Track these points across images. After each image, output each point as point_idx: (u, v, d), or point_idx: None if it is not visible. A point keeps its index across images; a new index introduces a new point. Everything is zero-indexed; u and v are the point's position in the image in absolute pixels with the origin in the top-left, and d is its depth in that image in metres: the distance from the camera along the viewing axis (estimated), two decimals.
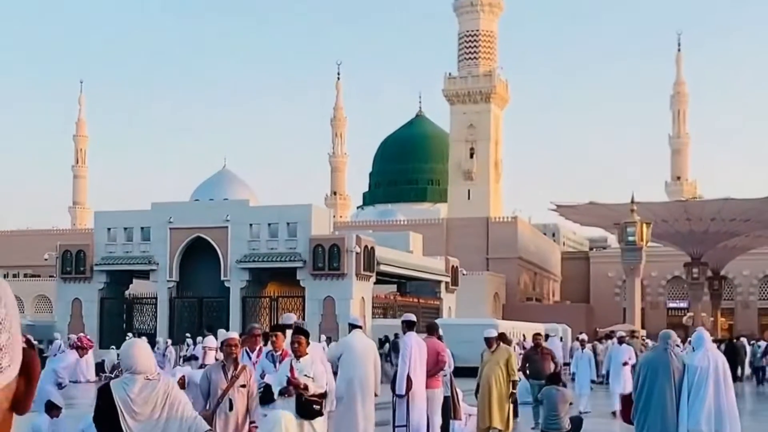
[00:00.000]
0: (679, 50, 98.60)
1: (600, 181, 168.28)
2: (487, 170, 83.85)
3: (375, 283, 40.88)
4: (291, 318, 10.43)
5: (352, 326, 11.14)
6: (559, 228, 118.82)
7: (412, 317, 11.92)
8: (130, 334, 31.96)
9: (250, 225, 40.16)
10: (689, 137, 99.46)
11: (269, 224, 40.07)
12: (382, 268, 40.80)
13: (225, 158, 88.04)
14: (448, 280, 47.61)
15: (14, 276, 79.92)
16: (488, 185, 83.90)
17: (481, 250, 78.42)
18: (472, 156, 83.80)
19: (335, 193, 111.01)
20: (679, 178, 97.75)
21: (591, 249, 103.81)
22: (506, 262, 77.05)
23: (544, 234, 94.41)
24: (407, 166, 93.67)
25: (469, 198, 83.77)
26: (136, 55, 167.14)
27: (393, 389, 10.66)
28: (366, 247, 39.27)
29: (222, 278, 40.11)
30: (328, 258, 38.69)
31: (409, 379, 11.43)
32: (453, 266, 48.42)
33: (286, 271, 39.79)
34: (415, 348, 11.58)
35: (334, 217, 49.83)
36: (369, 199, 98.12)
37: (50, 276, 78.41)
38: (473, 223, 79.08)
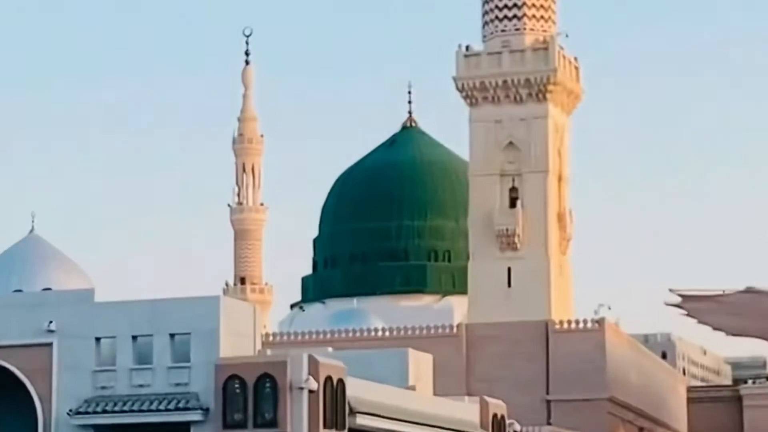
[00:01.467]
0: None
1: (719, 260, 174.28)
2: (543, 230, 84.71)
3: None
4: None
5: None
6: (674, 343, 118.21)
7: None
8: None
9: (97, 340, 39.66)
10: None
11: (134, 337, 39.53)
12: (361, 421, 39.66)
13: (33, 216, 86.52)
14: None
15: None
16: (546, 260, 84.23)
17: (535, 383, 79.37)
18: (514, 204, 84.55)
19: (242, 281, 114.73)
20: None
21: (741, 381, 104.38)
22: (586, 408, 77.69)
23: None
24: (387, 225, 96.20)
25: (509, 285, 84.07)
26: None
27: None
28: (329, 380, 38.20)
29: None
30: (253, 403, 37.68)
31: None
32: (497, 415, 47.88)
33: (169, 429, 38.79)
34: None
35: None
36: (313, 290, 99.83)
37: None
38: (519, 333, 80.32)
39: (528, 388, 77.74)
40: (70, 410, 39.01)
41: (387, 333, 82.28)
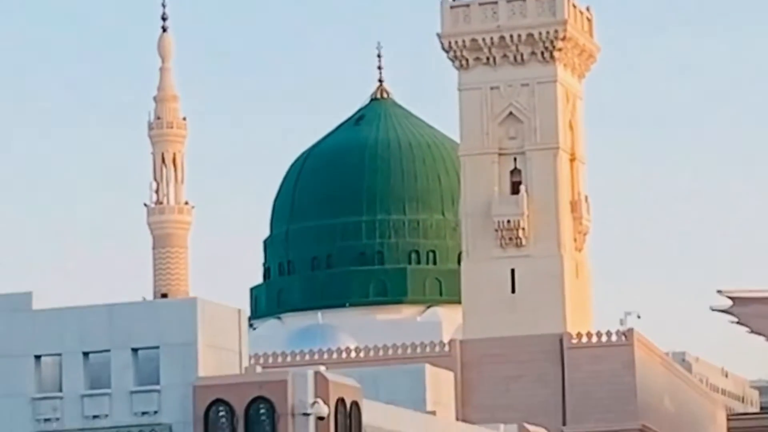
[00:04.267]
0: None
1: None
2: (554, 221, 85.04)
3: None
4: None
5: None
6: (690, 363, 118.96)
7: None
8: None
9: (37, 358, 38.16)
10: None
11: (86, 354, 37.95)
12: None
13: None
14: None
15: None
16: (559, 258, 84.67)
17: (548, 412, 79.21)
18: (517, 190, 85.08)
19: (164, 297, 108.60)
20: None
21: None
22: None
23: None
24: (357, 221, 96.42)
25: (513, 290, 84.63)
26: None
27: None
28: (341, 403, 36.68)
29: None
30: None
31: None
32: None
33: None
34: None
35: None
36: (266, 303, 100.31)
37: None
38: (528, 351, 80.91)
39: (539, 417, 76.19)
40: None
41: (361, 354, 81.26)
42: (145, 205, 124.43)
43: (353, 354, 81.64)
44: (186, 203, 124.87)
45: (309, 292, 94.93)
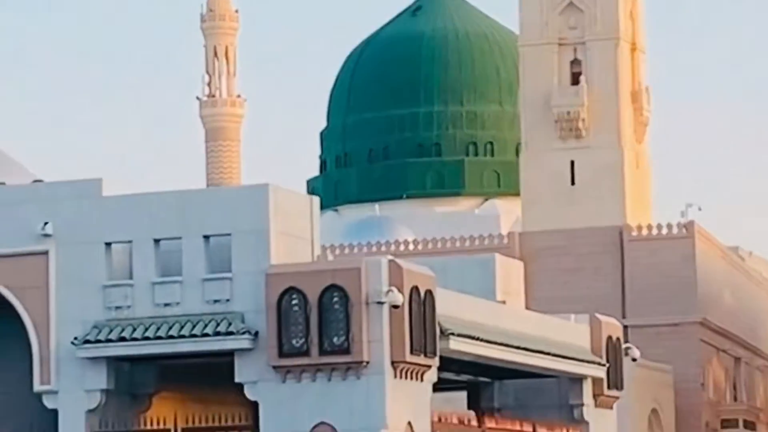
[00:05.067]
0: None
1: None
2: (614, 112, 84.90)
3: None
4: None
5: None
6: (743, 258, 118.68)
7: None
8: None
9: (107, 245, 37.65)
10: None
11: (157, 241, 37.57)
12: (455, 345, 38.17)
13: None
14: (602, 373, 46.62)
15: None
16: (619, 150, 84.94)
17: (608, 305, 77.08)
18: (577, 80, 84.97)
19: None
20: None
21: None
22: (673, 334, 78.86)
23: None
24: (413, 112, 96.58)
25: (573, 182, 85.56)
26: None
27: None
28: (416, 292, 36.17)
29: (37, 387, 37.53)
30: (317, 324, 35.54)
31: None
32: (611, 338, 48.09)
33: (206, 362, 37.61)
34: None
35: None
36: (323, 195, 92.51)
37: None
38: (587, 243, 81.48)
39: (599, 310, 75.56)
40: (75, 338, 36.97)
41: (420, 246, 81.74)
42: (198, 98, 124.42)
43: (411, 246, 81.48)
44: (238, 96, 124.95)
45: (366, 184, 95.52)
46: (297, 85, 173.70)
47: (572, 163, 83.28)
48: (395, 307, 35.24)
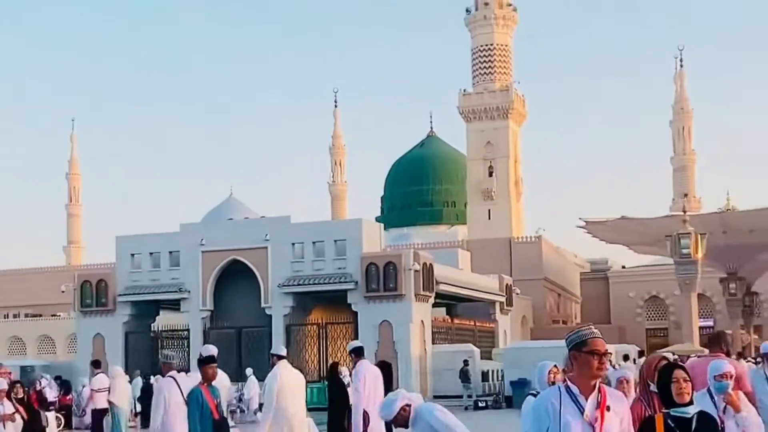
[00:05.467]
0: (681, 66, 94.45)
1: (604, 198, 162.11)
2: (507, 189, 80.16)
3: None
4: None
5: (279, 357, 10.54)
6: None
7: (360, 344, 11.38)
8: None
9: (293, 244, 36.23)
10: (695, 154, 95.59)
11: (314, 242, 36.16)
12: (442, 287, 36.98)
13: (231, 187, 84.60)
14: (503, 300, 44.12)
15: (14, 316, 75.45)
16: (509, 204, 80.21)
17: (504, 272, 74.91)
18: (491, 174, 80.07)
19: None
20: (686, 195, 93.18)
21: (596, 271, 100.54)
22: (532, 284, 72.54)
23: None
24: (421, 188, 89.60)
25: (489, 218, 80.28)
26: (129, 90, 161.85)
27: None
28: (425, 264, 35.23)
29: (262, 305, 36.06)
30: (383, 278, 34.61)
31: (365, 415, 10.90)
32: (507, 284, 45.04)
33: (334, 294, 35.80)
34: (369, 378, 11.09)
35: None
36: (384, 223, 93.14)
37: (52, 315, 74.35)
38: (495, 244, 75.36)
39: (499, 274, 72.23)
40: (279, 284, 36.02)
41: (420, 246, 78.46)
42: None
43: (418, 245, 79.31)
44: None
45: (401, 218, 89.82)
46: (369, 175, 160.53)
47: (489, 211, 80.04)
48: (416, 271, 34.77)
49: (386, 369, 12.88)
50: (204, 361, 8.38)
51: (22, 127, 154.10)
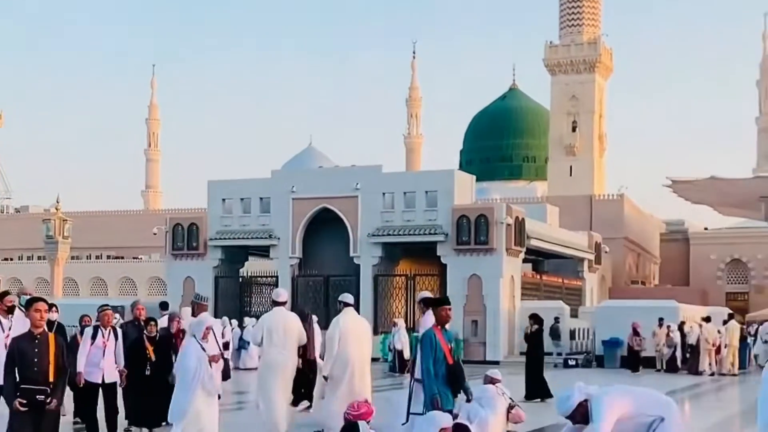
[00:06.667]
0: None
1: (684, 158, 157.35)
2: (590, 145, 78.46)
3: None
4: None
5: (345, 304, 10.89)
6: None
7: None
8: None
9: (383, 194, 35.95)
10: None
11: (405, 193, 35.81)
12: (533, 243, 36.57)
13: (311, 136, 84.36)
14: (592, 257, 43.48)
15: (97, 257, 77.65)
16: (592, 161, 78.66)
17: (584, 229, 74.07)
18: (574, 129, 78.38)
19: None
20: None
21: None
22: (611, 243, 69.02)
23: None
24: (501, 143, 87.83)
25: (570, 174, 78.77)
26: (208, 38, 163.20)
27: (412, 372, 9.22)
28: (517, 218, 34.80)
29: (351, 254, 36.06)
30: (474, 231, 34.22)
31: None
32: (596, 242, 44.37)
33: (423, 246, 35.54)
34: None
35: None
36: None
37: (133, 258, 76.43)
38: (576, 202, 73.43)
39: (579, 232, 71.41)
40: (369, 234, 35.92)
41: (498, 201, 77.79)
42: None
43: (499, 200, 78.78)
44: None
45: (480, 173, 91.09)
46: (447, 127, 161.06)
47: (570, 167, 78.85)
48: (508, 225, 34.34)
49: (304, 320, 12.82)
50: (435, 302, 8.35)
51: (103, 72, 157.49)
